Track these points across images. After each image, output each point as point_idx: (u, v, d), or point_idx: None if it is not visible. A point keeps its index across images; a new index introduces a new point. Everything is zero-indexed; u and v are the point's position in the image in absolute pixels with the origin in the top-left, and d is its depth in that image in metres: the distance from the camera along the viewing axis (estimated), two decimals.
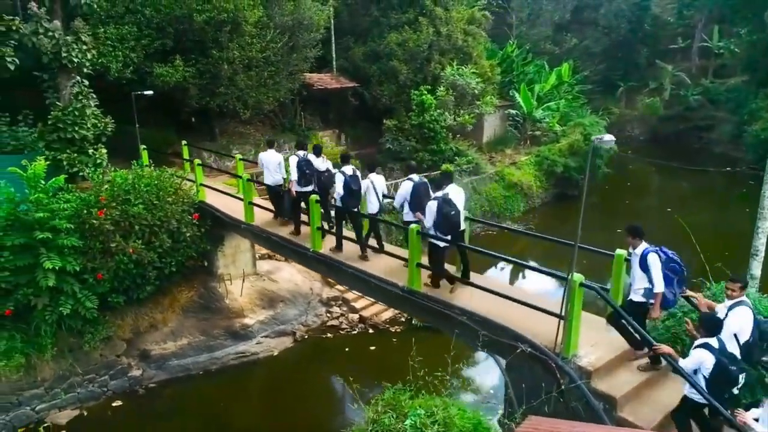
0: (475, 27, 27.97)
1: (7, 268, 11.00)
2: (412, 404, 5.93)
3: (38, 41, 12.85)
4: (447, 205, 8.18)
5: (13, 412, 11.76)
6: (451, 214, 8.19)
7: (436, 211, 8.12)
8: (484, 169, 25.50)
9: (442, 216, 8.11)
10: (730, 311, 5.86)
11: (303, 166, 11.16)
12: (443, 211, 8.11)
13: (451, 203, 8.26)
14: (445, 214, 8.13)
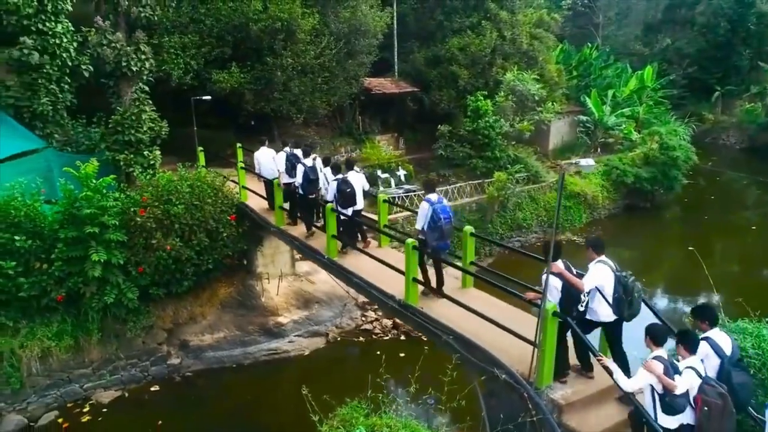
0: (543, 30, 27.06)
1: (61, 259, 12.18)
2: (362, 422, 5.98)
3: (102, 51, 14.10)
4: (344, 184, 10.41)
5: (64, 388, 13.05)
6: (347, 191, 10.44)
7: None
8: (543, 178, 24.64)
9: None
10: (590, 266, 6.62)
11: (291, 160, 12.28)
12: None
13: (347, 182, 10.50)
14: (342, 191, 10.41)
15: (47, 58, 15.02)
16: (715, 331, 5.77)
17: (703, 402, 5.05)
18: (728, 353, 5.57)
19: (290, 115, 19.97)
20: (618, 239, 26.06)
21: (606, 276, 6.43)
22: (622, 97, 34.23)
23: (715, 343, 5.62)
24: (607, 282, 6.41)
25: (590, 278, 6.42)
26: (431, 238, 8.65)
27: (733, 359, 5.55)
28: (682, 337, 5.62)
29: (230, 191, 14.83)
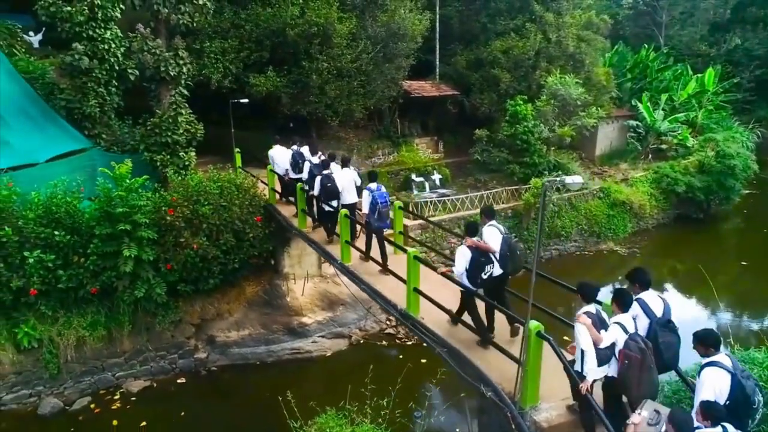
0: (592, 32, 26.17)
1: (96, 253, 12.89)
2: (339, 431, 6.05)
3: (143, 57, 14.81)
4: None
5: (98, 376, 13.84)
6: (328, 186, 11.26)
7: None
8: (585, 184, 23.83)
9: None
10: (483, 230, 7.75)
11: (296, 157, 13.26)
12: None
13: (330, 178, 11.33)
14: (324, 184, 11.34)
15: (96, 63, 15.87)
16: (648, 293, 5.93)
17: (624, 355, 5.37)
18: (659, 315, 5.77)
19: (326, 118, 20.24)
20: (668, 250, 24.91)
21: (496, 237, 7.59)
22: (679, 101, 32.64)
23: (646, 304, 5.80)
24: (495, 242, 7.54)
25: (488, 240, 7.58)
26: (372, 220, 10.28)
27: (662, 321, 5.74)
28: (616, 295, 5.92)
29: (259, 193, 15.22)
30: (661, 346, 5.57)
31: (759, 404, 4.92)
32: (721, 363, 5.01)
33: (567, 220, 22.68)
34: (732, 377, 4.91)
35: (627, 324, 5.63)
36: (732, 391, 4.84)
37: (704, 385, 4.95)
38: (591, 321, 5.69)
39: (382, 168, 23.23)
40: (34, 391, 13.16)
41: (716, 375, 4.95)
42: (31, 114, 16.51)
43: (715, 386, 4.90)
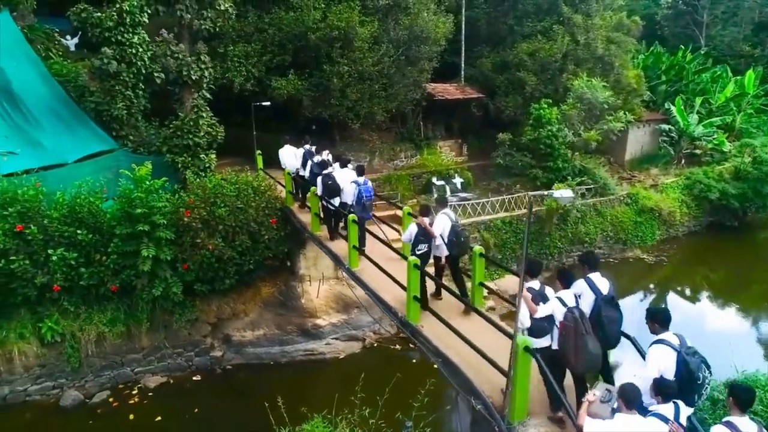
0: (622, 34, 25.52)
1: (116, 252, 13.32)
2: None
3: (166, 61, 15.21)
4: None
5: (117, 371, 14.29)
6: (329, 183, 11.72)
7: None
8: (612, 190, 23.31)
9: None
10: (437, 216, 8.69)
11: (306, 156, 13.97)
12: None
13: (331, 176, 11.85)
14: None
15: (124, 67, 16.38)
16: (595, 274, 6.29)
17: (562, 326, 5.85)
18: (604, 292, 6.10)
19: (347, 121, 20.36)
20: (700, 258, 24.19)
21: (444, 223, 8.63)
22: (716, 105, 31.60)
23: (592, 282, 6.16)
24: (442, 227, 8.62)
25: (437, 226, 8.64)
26: (357, 211, 11.01)
27: (606, 297, 6.07)
28: (560, 273, 6.49)
29: (276, 195, 15.42)
30: (604, 319, 5.91)
31: (704, 380, 5.04)
32: (667, 341, 5.20)
33: (591, 226, 22.22)
34: (677, 355, 5.09)
35: (567, 299, 6.11)
36: (677, 368, 5.02)
37: (649, 362, 5.17)
38: (531, 296, 6.32)
39: (403, 170, 23.27)
40: (57, 383, 13.67)
41: (661, 352, 5.16)
42: (63, 116, 17.18)
43: (659, 363, 5.10)
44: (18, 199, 12.82)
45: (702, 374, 5.00)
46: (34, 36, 20.10)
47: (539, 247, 20.85)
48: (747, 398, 4.55)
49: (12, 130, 15.94)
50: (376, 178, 22.02)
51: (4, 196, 12.90)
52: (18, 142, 15.63)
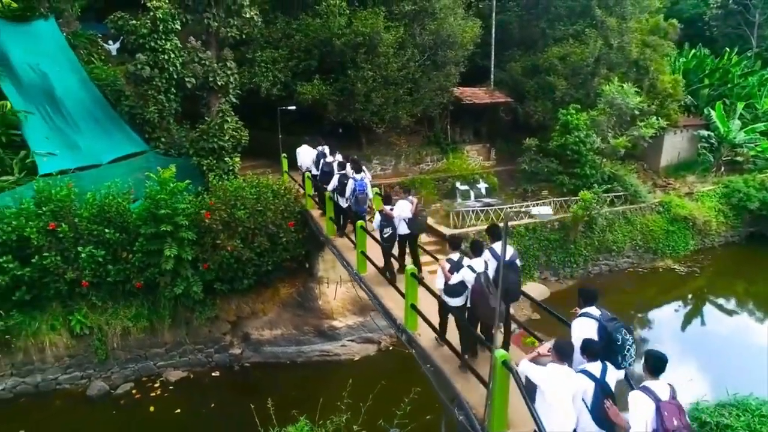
0: (658, 38, 24.81)
1: (141, 251, 13.95)
2: None
3: (193, 68, 15.79)
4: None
5: (141, 364, 14.94)
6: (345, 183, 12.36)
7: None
8: (643, 198, 22.70)
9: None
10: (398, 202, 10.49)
11: (318, 156, 14.73)
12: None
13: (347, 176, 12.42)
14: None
15: (157, 72, 17.04)
16: (497, 243, 7.40)
17: (471, 289, 7.28)
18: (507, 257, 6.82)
19: (371, 125, 20.58)
20: (737, 270, 23.28)
21: (405, 208, 10.37)
22: (762, 110, 30.24)
23: (494, 250, 7.36)
24: (405, 212, 10.34)
25: (397, 209, 10.38)
26: (353, 205, 11.94)
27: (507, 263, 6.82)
28: (471, 244, 7.92)
29: (297, 198, 15.79)
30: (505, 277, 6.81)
31: (625, 342, 5.53)
32: (588, 313, 5.93)
33: (620, 234, 21.72)
34: (598, 323, 5.76)
35: (476, 266, 7.41)
36: (599, 334, 5.66)
37: (574, 331, 5.88)
38: (449, 266, 7.70)
39: (428, 174, 23.30)
40: (85, 373, 14.43)
41: (583, 323, 5.87)
42: (99, 118, 18.06)
43: (582, 331, 5.74)
44: (52, 199, 13.60)
45: (621, 336, 5.52)
46: (77, 42, 21.15)
47: (564, 255, 20.55)
48: (658, 365, 5.01)
49: (52, 132, 16.86)
50: (401, 182, 22.16)
51: (40, 196, 13.71)
52: (57, 143, 16.52)
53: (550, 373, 5.35)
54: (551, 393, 5.31)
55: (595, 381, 5.27)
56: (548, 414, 5.32)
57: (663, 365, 5.02)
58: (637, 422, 4.82)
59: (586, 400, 5.31)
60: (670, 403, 4.81)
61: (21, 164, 15.70)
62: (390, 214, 10.38)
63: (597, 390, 5.27)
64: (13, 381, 13.90)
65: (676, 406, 4.85)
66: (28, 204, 13.53)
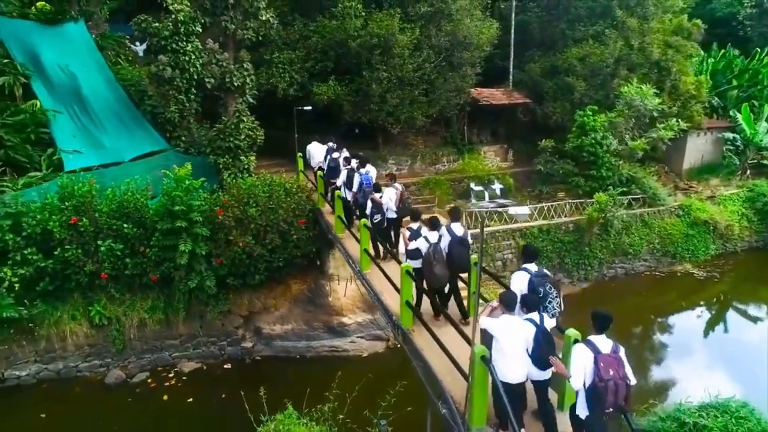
0: (681, 38, 24.38)
1: (157, 246, 14.47)
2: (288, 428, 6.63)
3: (210, 69, 16.28)
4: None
5: (156, 354, 15.50)
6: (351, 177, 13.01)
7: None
8: (662, 200, 22.38)
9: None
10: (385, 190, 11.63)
11: (328, 152, 15.21)
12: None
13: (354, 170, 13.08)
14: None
15: (178, 73, 17.61)
16: (455, 224, 8.62)
17: (424, 255, 8.67)
18: (459, 235, 8.46)
19: (386, 126, 20.81)
20: (760, 276, 22.70)
21: (392, 194, 11.36)
22: None
23: (450, 228, 8.51)
24: (392, 198, 11.32)
25: (385, 197, 11.34)
26: (360, 198, 12.50)
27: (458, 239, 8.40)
28: (430, 220, 8.96)
29: (308, 196, 16.12)
30: (454, 251, 8.39)
31: (547, 294, 6.65)
32: (526, 268, 6.98)
33: (636, 237, 21.47)
34: (530, 277, 6.83)
35: (430, 237, 8.72)
36: (528, 287, 6.75)
37: (512, 283, 6.96)
38: (409, 234, 9.33)
39: (444, 175, 23.42)
40: (103, 362, 15.06)
41: (519, 276, 6.98)
42: (123, 118, 18.74)
43: (518, 283, 6.88)
44: (74, 194, 14.23)
45: (544, 289, 6.66)
46: (105, 43, 21.94)
47: (578, 257, 20.43)
48: (603, 323, 5.58)
49: (79, 130, 17.59)
50: (416, 182, 22.37)
51: (63, 191, 14.36)
52: (83, 141, 17.24)
53: (503, 323, 6.14)
54: (505, 340, 6.06)
55: (536, 327, 6.05)
56: (503, 362, 6.07)
57: (608, 323, 5.58)
58: (576, 370, 5.41)
59: (528, 344, 6.08)
60: (609, 356, 5.33)
61: (48, 161, 16.42)
62: (379, 201, 11.29)
63: (537, 335, 6.02)
64: (36, 367, 14.60)
65: (615, 359, 5.34)
66: (52, 199, 14.19)
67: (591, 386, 5.35)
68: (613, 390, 5.19)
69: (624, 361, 5.38)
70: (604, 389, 5.17)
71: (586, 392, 5.42)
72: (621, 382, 5.21)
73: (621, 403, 5.24)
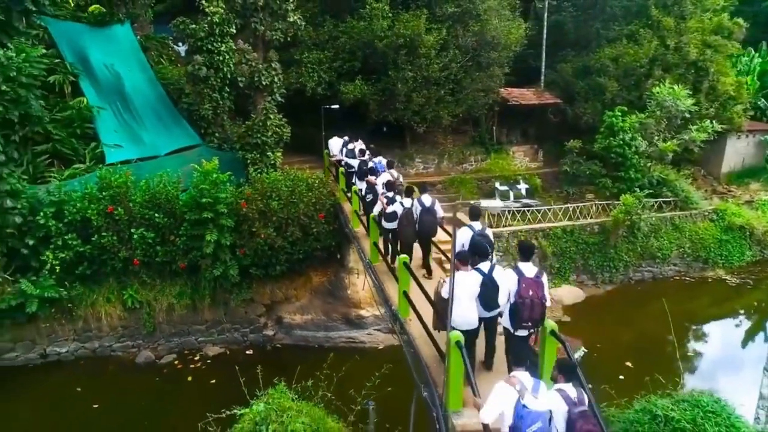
0: (721, 38, 23.67)
1: (186, 235, 15.32)
2: (278, 401, 7.17)
3: (240, 69, 17.06)
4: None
5: (184, 338, 16.40)
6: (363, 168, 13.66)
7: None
8: (695, 204, 21.84)
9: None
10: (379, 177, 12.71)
11: (344, 144, 16.60)
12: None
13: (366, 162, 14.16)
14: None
15: (212, 72, 18.51)
16: (425, 195, 10.33)
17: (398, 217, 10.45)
18: (427, 205, 10.11)
19: (412, 124, 21.16)
20: None
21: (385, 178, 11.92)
22: None
23: (420, 200, 10.16)
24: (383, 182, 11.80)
25: (379, 180, 12.11)
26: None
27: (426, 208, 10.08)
28: (405, 189, 10.76)
29: (330, 191, 16.68)
30: (423, 218, 10.10)
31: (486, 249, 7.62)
32: (469, 225, 8.20)
33: (666, 240, 21.05)
34: (472, 233, 8.13)
35: (405, 203, 10.40)
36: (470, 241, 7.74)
37: (458, 237, 7.59)
38: (386, 200, 10.81)
39: (470, 174, 23.57)
40: (135, 343, 16.06)
41: (464, 231, 8.23)
42: (161, 114, 19.85)
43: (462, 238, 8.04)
44: (111, 185, 15.25)
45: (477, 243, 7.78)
46: (149, 44, 23.20)
47: (602, 259, 20.22)
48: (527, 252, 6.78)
49: (121, 126, 18.74)
50: (441, 180, 22.64)
51: (102, 182, 15.40)
52: (124, 136, 18.37)
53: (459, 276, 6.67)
54: (460, 289, 6.67)
55: (483, 275, 6.83)
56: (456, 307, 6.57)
57: (531, 252, 6.86)
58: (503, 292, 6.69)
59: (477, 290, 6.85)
60: (530, 279, 6.42)
61: (92, 154, 17.59)
62: (373, 182, 12.45)
63: (485, 281, 6.82)
64: (75, 345, 15.73)
65: (536, 282, 6.42)
66: (92, 189, 15.25)
67: (513, 303, 6.50)
68: (529, 306, 6.32)
69: (544, 284, 6.48)
70: (522, 305, 6.32)
71: (509, 308, 6.61)
72: (537, 300, 6.33)
73: (536, 317, 6.38)
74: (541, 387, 5.16)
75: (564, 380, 5.16)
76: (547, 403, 4.99)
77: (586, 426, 4.82)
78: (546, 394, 5.08)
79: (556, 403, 4.97)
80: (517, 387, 5.08)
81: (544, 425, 4.90)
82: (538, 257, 19.70)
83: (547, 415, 4.95)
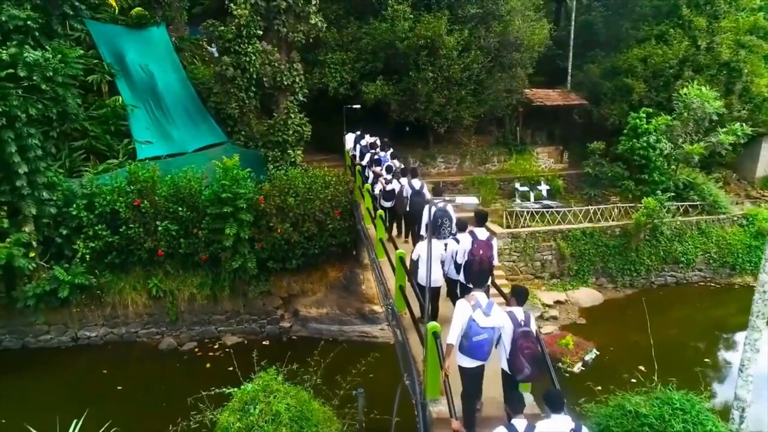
0: (756, 38, 22.97)
1: (207, 228, 16.01)
2: (267, 384, 7.62)
3: (263, 69, 17.67)
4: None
5: (204, 327, 17.14)
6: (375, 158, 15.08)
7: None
8: (723, 208, 21.29)
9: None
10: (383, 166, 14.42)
11: (356, 140, 17.78)
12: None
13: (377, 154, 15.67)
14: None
15: (239, 72, 19.19)
16: (415, 180, 11.53)
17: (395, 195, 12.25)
18: (416, 188, 11.28)
19: (433, 124, 21.39)
20: None
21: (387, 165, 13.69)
22: None
23: (411, 183, 11.40)
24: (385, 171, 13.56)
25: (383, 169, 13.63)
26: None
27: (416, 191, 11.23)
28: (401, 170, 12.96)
29: (347, 189, 17.12)
30: (414, 199, 11.14)
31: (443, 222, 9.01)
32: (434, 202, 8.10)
33: (690, 245, 20.60)
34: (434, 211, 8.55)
35: (403, 183, 11.73)
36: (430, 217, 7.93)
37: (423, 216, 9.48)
38: (386, 180, 12.87)
39: (492, 174, 23.61)
40: (159, 330, 16.88)
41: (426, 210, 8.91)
42: (191, 112, 20.70)
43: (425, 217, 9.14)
44: (139, 180, 16.09)
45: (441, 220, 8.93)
46: (183, 45, 24.14)
47: (623, 262, 19.97)
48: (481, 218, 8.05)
49: (152, 123, 19.66)
50: (462, 180, 22.77)
51: (131, 177, 16.27)
52: (155, 133, 19.28)
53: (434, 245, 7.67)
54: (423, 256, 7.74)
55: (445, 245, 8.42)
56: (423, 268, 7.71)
57: (485, 219, 8.07)
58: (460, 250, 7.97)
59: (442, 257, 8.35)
60: (482, 241, 7.75)
61: (125, 149, 18.55)
62: (378, 173, 13.74)
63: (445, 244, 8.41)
64: (104, 330, 16.67)
65: (487, 243, 7.77)
66: (121, 183, 16.12)
67: (466, 260, 7.82)
68: (479, 262, 7.63)
69: (494, 246, 7.82)
70: (473, 261, 7.67)
71: (464, 265, 7.90)
72: (486, 259, 7.69)
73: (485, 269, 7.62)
74: (494, 308, 6.17)
75: (515, 303, 6.26)
76: (494, 320, 6.05)
77: (526, 343, 5.88)
78: (497, 313, 6.10)
79: (504, 320, 6.04)
80: (472, 303, 6.18)
81: (489, 337, 6.03)
82: (555, 258, 19.69)
83: (493, 330, 6.06)
